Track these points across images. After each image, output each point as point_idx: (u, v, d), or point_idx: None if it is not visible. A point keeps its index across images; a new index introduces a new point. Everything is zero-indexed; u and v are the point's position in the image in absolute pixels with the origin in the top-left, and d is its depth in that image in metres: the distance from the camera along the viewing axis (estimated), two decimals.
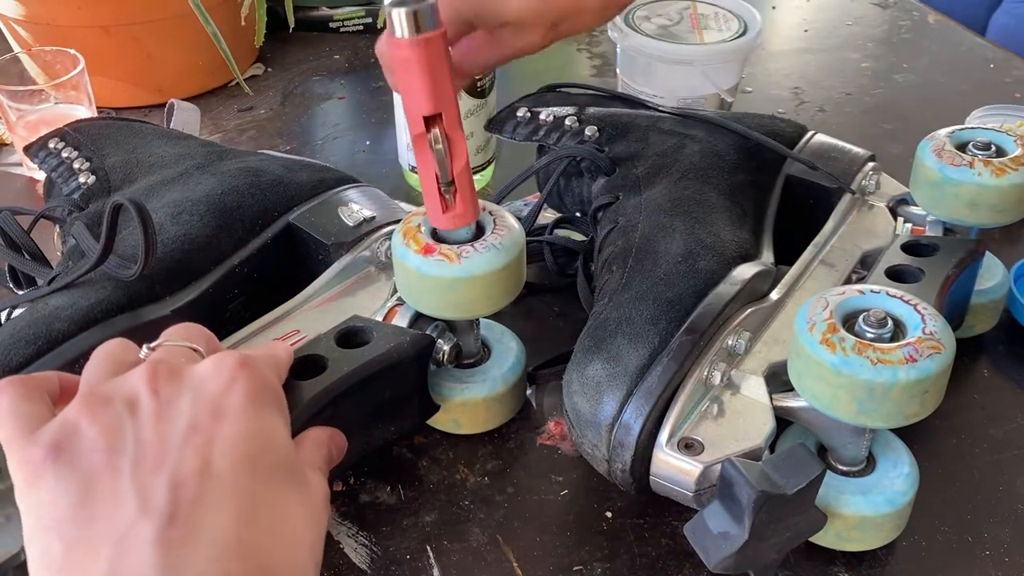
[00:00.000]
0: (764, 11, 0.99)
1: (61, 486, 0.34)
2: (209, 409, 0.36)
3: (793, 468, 0.44)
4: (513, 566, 0.52)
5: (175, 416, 0.35)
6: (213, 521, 0.33)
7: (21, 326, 0.50)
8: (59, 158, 0.63)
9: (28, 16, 0.85)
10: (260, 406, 0.37)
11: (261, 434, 0.36)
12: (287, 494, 0.36)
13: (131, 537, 0.32)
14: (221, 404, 0.36)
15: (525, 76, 0.96)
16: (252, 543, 0.33)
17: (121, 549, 0.32)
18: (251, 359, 0.38)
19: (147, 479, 0.34)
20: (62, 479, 0.34)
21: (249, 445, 0.36)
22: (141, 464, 0.34)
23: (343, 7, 1.02)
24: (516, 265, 0.53)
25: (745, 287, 0.53)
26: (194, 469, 0.34)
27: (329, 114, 0.91)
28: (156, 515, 0.33)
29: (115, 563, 0.32)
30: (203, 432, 0.35)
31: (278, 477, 0.36)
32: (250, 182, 0.60)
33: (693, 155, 0.62)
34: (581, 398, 0.50)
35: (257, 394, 0.37)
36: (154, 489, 0.33)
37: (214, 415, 0.36)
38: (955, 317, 0.60)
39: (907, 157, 0.61)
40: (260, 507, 0.34)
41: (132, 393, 0.36)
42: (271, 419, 0.37)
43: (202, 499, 0.33)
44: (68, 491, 0.34)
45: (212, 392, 0.37)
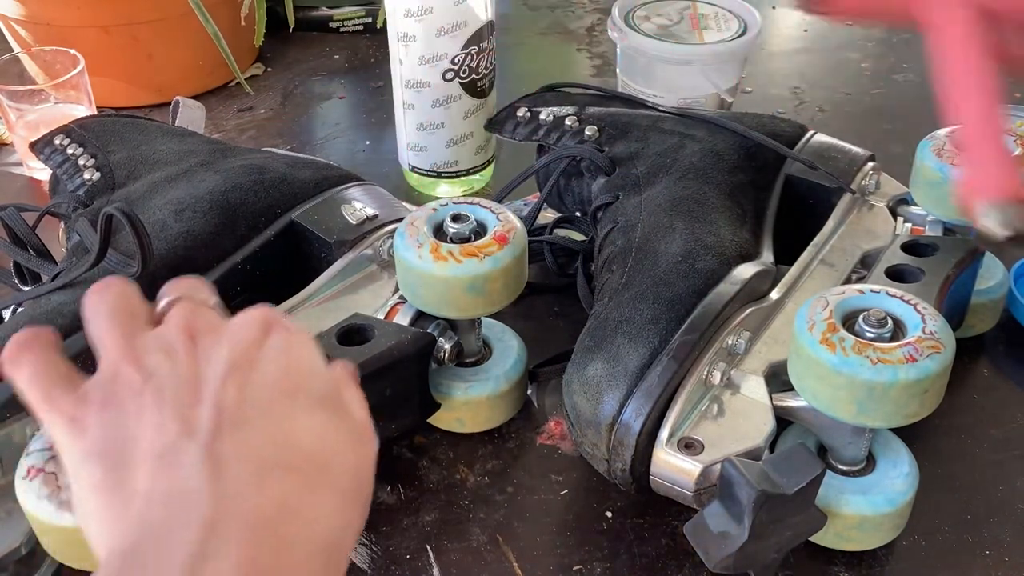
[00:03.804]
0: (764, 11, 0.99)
1: (104, 428, 0.35)
2: (246, 352, 0.37)
3: (793, 468, 0.44)
4: (513, 566, 0.52)
5: (214, 359, 0.36)
6: (255, 440, 0.34)
7: (23, 322, 0.50)
8: (64, 155, 0.63)
9: (28, 16, 0.85)
10: (296, 348, 0.38)
11: (299, 369, 0.37)
12: (329, 421, 0.36)
13: (173, 454, 0.33)
14: (258, 347, 0.37)
15: (525, 76, 0.96)
16: (294, 462, 0.34)
17: (163, 464, 0.33)
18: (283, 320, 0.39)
19: (188, 410, 0.34)
20: (106, 423, 0.35)
21: (287, 380, 0.36)
22: (182, 399, 0.35)
23: (343, 7, 1.02)
24: (518, 264, 0.54)
25: (745, 287, 0.53)
26: (234, 400, 0.35)
27: (329, 114, 0.91)
28: (198, 434, 0.33)
29: (157, 478, 0.32)
30: (241, 371, 0.36)
31: (320, 406, 0.36)
32: (253, 180, 0.60)
33: (693, 155, 0.63)
34: (581, 397, 0.50)
35: (292, 338, 0.38)
36: (196, 416, 0.34)
37: (251, 357, 0.36)
38: (955, 317, 0.60)
39: (907, 157, 0.61)
40: (301, 431, 0.35)
41: (169, 343, 0.37)
42: (308, 358, 0.38)
43: (243, 422, 0.34)
44: (111, 429, 0.34)
45: (248, 338, 0.37)
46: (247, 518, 0.31)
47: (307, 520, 0.33)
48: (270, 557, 0.31)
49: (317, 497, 0.34)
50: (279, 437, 0.34)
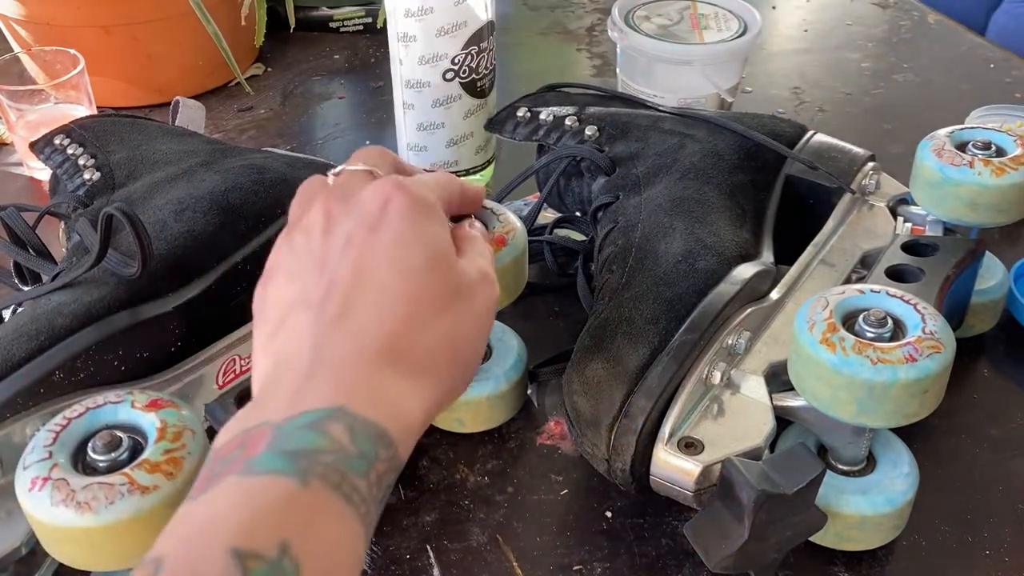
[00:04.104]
0: (764, 11, 0.99)
1: (259, 300, 0.43)
2: (365, 224, 0.41)
3: (793, 468, 0.44)
4: (513, 566, 0.52)
5: (338, 232, 0.41)
6: (361, 310, 0.39)
7: (24, 321, 0.50)
8: (64, 154, 0.63)
9: (28, 16, 0.85)
10: (414, 218, 0.41)
11: (412, 244, 0.41)
12: (440, 298, 0.40)
13: (291, 318, 0.40)
14: (376, 219, 0.41)
15: (525, 76, 0.96)
16: (392, 320, 0.39)
17: (285, 330, 0.40)
18: (409, 181, 0.43)
19: (310, 282, 0.40)
20: (260, 296, 0.43)
21: (401, 251, 0.40)
22: (308, 271, 0.41)
23: (343, 7, 1.02)
24: (518, 264, 0.54)
25: (745, 287, 0.53)
26: (349, 272, 0.40)
27: (329, 114, 0.91)
28: (313, 301, 0.40)
29: (280, 339, 0.40)
30: (357, 243, 0.40)
31: (432, 281, 0.40)
32: (254, 179, 0.60)
33: (693, 155, 0.63)
34: (581, 397, 0.50)
35: (410, 208, 0.41)
36: (314, 287, 0.40)
37: (369, 229, 0.41)
38: (955, 317, 0.60)
39: (907, 157, 0.61)
40: (405, 301, 0.39)
41: (311, 219, 0.43)
42: (425, 228, 0.42)
43: (353, 292, 0.39)
44: (263, 300, 0.43)
45: (369, 210, 0.42)
46: (337, 365, 0.37)
47: (390, 368, 0.38)
48: (353, 389, 0.37)
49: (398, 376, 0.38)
50: (386, 314, 0.39)
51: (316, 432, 0.35)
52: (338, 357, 0.38)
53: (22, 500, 0.42)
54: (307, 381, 0.37)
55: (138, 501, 0.41)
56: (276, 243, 0.44)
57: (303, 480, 0.34)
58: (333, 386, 0.37)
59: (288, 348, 0.39)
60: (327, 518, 0.34)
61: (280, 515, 0.33)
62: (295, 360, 0.38)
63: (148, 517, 0.41)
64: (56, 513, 0.41)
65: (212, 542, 0.31)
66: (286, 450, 0.34)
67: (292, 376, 0.38)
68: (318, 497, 0.34)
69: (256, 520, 0.32)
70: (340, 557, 0.34)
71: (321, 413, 0.36)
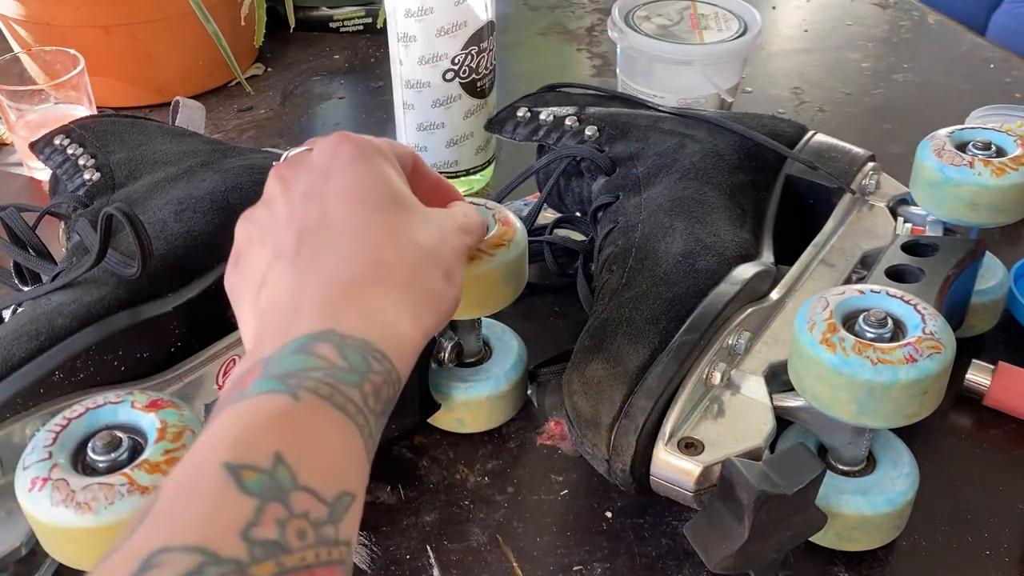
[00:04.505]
0: (764, 11, 0.99)
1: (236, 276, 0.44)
2: (318, 174, 0.43)
3: (793, 468, 0.44)
4: (513, 566, 0.52)
5: (295, 188, 0.43)
6: (334, 244, 0.40)
7: (24, 322, 0.50)
8: (64, 155, 0.63)
9: (28, 16, 0.85)
10: (364, 159, 0.43)
11: (368, 179, 0.43)
12: (400, 216, 0.42)
13: (271, 273, 0.41)
14: (328, 167, 0.43)
15: (525, 76, 0.96)
16: (368, 252, 0.40)
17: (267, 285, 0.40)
18: (354, 134, 0.45)
19: (281, 238, 0.41)
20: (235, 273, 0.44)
21: (357, 188, 0.42)
22: (276, 230, 0.42)
23: (343, 7, 1.02)
24: (518, 265, 0.54)
25: (745, 287, 0.53)
26: (315, 217, 0.41)
27: (329, 114, 0.91)
28: (287, 251, 0.41)
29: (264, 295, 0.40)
30: (316, 192, 0.42)
31: (391, 206, 0.42)
32: (254, 180, 0.60)
33: (693, 155, 0.63)
34: (581, 398, 0.50)
35: (359, 151, 0.43)
36: (286, 241, 0.41)
37: (323, 177, 0.42)
38: (955, 317, 0.60)
39: (907, 157, 0.61)
40: (374, 226, 0.41)
41: (267, 192, 0.45)
42: (377, 166, 0.43)
43: (322, 233, 0.41)
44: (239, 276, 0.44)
45: (320, 163, 0.43)
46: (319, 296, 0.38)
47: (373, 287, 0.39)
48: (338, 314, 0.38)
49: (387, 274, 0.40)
50: (351, 234, 0.40)
51: (305, 354, 0.36)
52: (321, 288, 0.39)
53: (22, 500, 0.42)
54: (292, 316, 0.38)
55: (138, 501, 0.41)
56: (236, 228, 0.45)
57: (294, 395, 0.34)
58: (319, 312, 0.37)
59: (273, 298, 0.40)
60: (320, 426, 0.34)
61: (272, 428, 0.33)
62: (279, 304, 0.39)
63: None
64: (56, 513, 0.41)
65: (205, 461, 0.32)
66: (276, 374, 0.35)
67: (278, 317, 0.38)
68: (310, 408, 0.34)
69: (248, 435, 0.32)
70: (337, 463, 0.34)
71: (308, 337, 0.36)
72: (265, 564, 0.30)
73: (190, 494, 0.31)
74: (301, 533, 0.31)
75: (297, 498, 0.31)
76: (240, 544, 0.29)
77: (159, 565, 0.28)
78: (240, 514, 0.30)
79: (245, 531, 0.30)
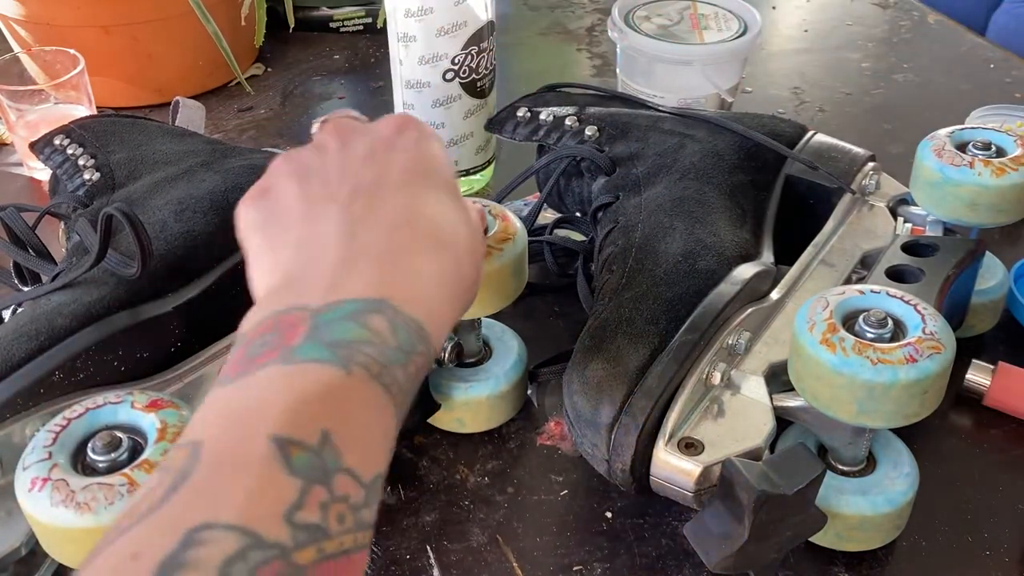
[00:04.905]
0: (764, 11, 0.99)
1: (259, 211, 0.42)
2: (384, 144, 0.43)
3: (793, 468, 0.44)
4: (513, 566, 0.52)
5: (355, 147, 0.43)
6: (386, 205, 0.40)
7: (24, 322, 0.50)
8: (64, 155, 0.63)
9: (28, 16, 0.85)
10: (429, 142, 0.44)
11: (431, 160, 0.43)
12: (450, 200, 0.43)
13: (316, 213, 0.40)
14: (394, 138, 0.44)
15: (525, 76, 0.96)
16: (418, 221, 0.40)
17: (307, 220, 0.40)
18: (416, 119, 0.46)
19: (331, 183, 0.41)
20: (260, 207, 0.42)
21: (420, 165, 0.43)
22: (327, 174, 0.42)
23: (343, 7, 1.02)
24: (518, 265, 0.54)
25: (745, 287, 0.53)
26: (371, 179, 0.41)
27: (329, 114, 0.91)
28: (337, 200, 0.40)
29: (304, 230, 0.40)
30: (379, 158, 0.42)
31: (443, 189, 0.43)
32: (253, 180, 0.60)
33: (693, 155, 0.63)
34: (581, 398, 0.50)
35: (423, 133, 0.45)
36: (337, 190, 0.41)
37: (388, 147, 0.43)
38: (955, 317, 0.60)
39: (907, 157, 0.61)
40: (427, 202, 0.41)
41: (322, 143, 0.44)
42: (439, 151, 0.45)
43: (380, 194, 0.40)
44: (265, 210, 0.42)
45: (386, 134, 0.44)
46: (375, 257, 0.38)
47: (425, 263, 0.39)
48: (394, 284, 0.37)
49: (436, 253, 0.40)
50: (407, 205, 0.40)
51: (358, 324, 0.35)
52: (375, 249, 0.38)
53: (22, 500, 0.42)
54: (345, 268, 0.37)
55: None
56: (273, 164, 0.44)
57: (346, 369, 0.34)
58: (373, 277, 0.37)
59: (320, 235, 0.39)
60: (367, 407, 0.34)
61: (322, 404, 0.32)
62: (327, 247, 0.38)
63: None
64: (56, 513, 0.41)
65: (253, 428, 0.31)
66: (328, 340, 0.34)
67: (326, 262, 0.38)
68: (359, 387, 0.34)
69: (299, 408, 0.32)
70: (376, 445, 0.34)
71: (362, 304, 0.36)
72: (307, 550, 0.29)
73: (236, 466, 0.30)
74: (341, 517, 0.30)
75: (340, 481, 0.31)
76: (284, 528, 0.29)
77: (201, 543, 0.27)
78: (285, 495, 0.29)
79: (289, 514, 0.29)
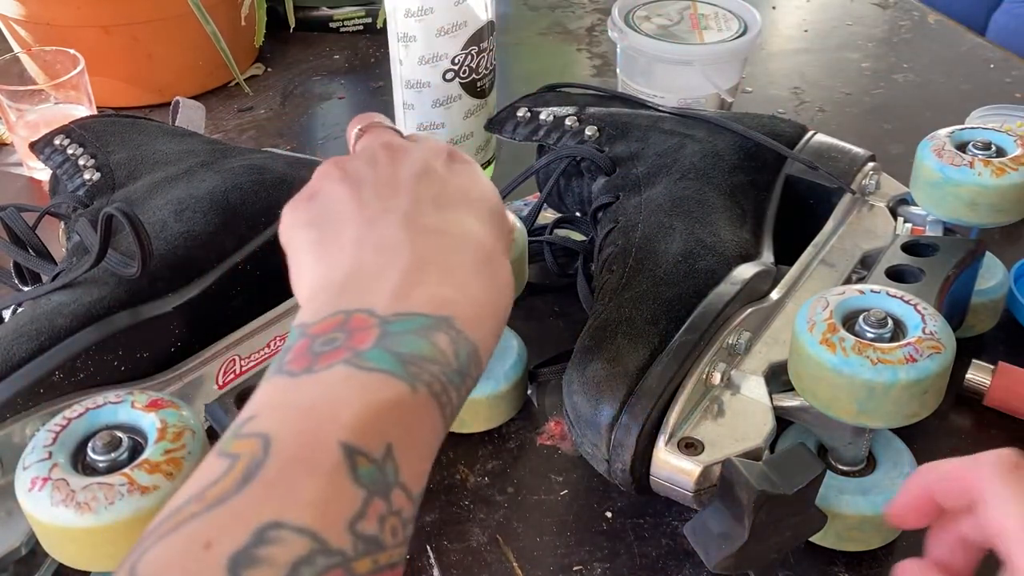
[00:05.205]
0: (764, 11, 0.99)
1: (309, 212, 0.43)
2: (439, 157, 0.44)
3: (793, 468, 0.44)
4: (513, 566, 0.52)
5: (408, 162, 0.43)
6: (446, 223, 0.41)
7: (24, 322, 0.50)
8: (64, 155, 0.63)
9: (28, 16, 0.85)
10: (476, 172, 0.46)
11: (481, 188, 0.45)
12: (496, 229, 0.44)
13: (378, 220, 0.40)
14: (448, 162, 0.44)
15: (525, 76, 0.96)
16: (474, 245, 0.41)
17: (371, 226, 0.40)
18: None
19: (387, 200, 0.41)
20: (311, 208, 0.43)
21: (472, 191, 0.44)
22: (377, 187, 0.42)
23: (343, 7, 1.02)
24: (519, 264, 0.54)
25: (745, 287, 0.53)
26: (430, 195, 0.42)
27: (329, 114, 0.91)
28: (399, 210, 0.41)
29: (364, 232, 0.40)
30: (436, 177, 0.43)
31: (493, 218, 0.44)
32: (253, 180, 0.60)
33: (693, 155, 0.63)
34: (581, 398, 0.50)
35: (472, 165, 0.46)
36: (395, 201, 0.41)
37: (447, 164, 0.44)
38: (955, 317, 0.60)
39: (907, 157, 0.61)
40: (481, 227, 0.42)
41: (369, 152, 0.45)
42: (487, 180, 0.46)
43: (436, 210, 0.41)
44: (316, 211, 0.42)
45: (439, 155, 0.45)
46: (439, 272, 0.38)
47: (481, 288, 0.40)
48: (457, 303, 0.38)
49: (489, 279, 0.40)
50: (464, 226, 0.41)
51: (425, 340, 0.36)
52: (438, 264, 0.39)
53: (22, 500, 0.42)
54: (413, 278, 0.38)
55: (138, 501, 0.41)
56: (320, 169, 0.45)
57: (413, 386, 0.34)
58: (439, 293, 0.38)
59: (379, 239, 0.39)
60: (424, 425, 0.35)
61: (390, 417, 0.33)
62: (393, 252, 0.39)
63: (148, 517, 0.41)
64: (56, 513, 0.41)
65: (325, 432, 0.31)
66: (397, 352, 0.35)
67: (393, 268, 0.38)
68: (423, 404, 0.34)
69: (368, 419, 0.32)
70: (427, 462, 0.35)
71: (430, 320, 0.37)
72: (364, 560, 0.30)
73: (308, 468, 0.30)
74: (394, 531, 0.31)
75: (396, 495, 0.32)
76: (347, 536, 0.30)
77: (273, 542, 0.28)
78: (351, 504, 0.30)
79: (352, 523, 0.30)
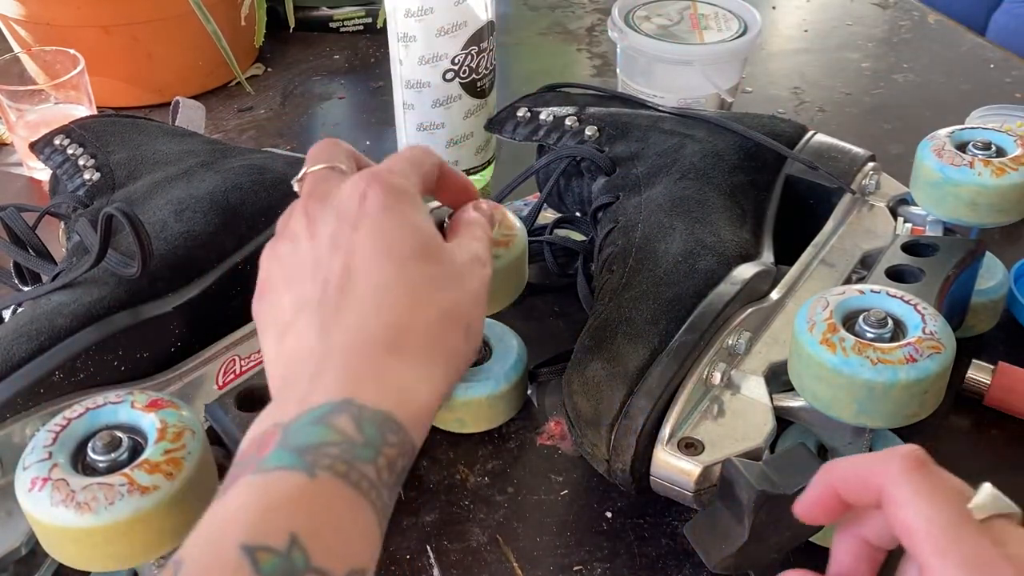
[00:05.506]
0: (764, 11, 0.99)
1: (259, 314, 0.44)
2: (347, 221, 0.43)
3: (793, 468, 0.44)
4: (513, 566, 0.52)
5: (322, 233, 0.43)
6: (358, 302, 0.40)
7: (24, 322, 0.50)
8: (64, 155, 0.63)
9: (28, 16, 0.85)
10: (393, 208, 0.43)
11: (395, 230, 0.42)
12: (424, 272, 0.42)
13: (297, 321, 0.41)
14: (356, 215, 0.43)
15: (525, 76, 0.96)
16: (390, 316, 0.40)
17: (288, 329, 0.41)
18: (383, 171, 0.45)
19: (306, 284, 0.42)
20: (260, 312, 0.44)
21: (384, 240, 0.42)
22: (302, 275, 0.42)
23: (343, 7, 1.02)
24: (519, 265, 0.54)
25: (745, 287, 0.53)
26: (339, 269, 0.41)
27: (329, 114, 0.91)
28: (312, 301, 0.41)
29: (283, 338, 0.41)
30: (343, 241, 0.42)
31: (417, 260, 0.42)
32: (253, 180, 0.60)
33: (693, 155, 0.63)
34: (581, 398, 0.50)
35: (387, 199, 0.43)
36: (311, 288, 0.42)
37: (352, 226, 0.42)
38: (955, 317, 0.60)
39: (907, 157, 0.61)
40: (398, 287, 0.41)
41: (293, 226, 0.44)
42: (406, 215, 0.43)
43: (347, 287, 0.41)
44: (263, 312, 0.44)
45: (348, 207, 0.43)
46: (342, 357, 0.39)
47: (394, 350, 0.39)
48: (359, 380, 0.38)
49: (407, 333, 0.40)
50: (376, 287, 0.41)
51: (322, 426, 0.36)
52: (342, 351, 0.39)
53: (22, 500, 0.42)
54: (315, 379, 0.38)
55: (138, 501, 0.41)
56: (263, 255, 0.45)
57: (310, 473, 0.34)
58: (339, 380, 0.38)
59: (296, 350, 0.41)
60: (336, 507, 0.34)
61: (289, 508, 0.33)
62: (304, 361, 0.40)
63: (148, 517, 0.41)
64: (56, 513, 0.41)
65: (225, 540, 0.32)
66: (294, 446, 0.35)
67: (302, 377, 0.39)
68: (326, 487, 0.34)
69: (266, 515, 0.33)
70: (351, 539, 0.34)
71: (327, 407, 0.36)
72: None
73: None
74: None
75: None
76: None
77: None
78: None
79: None
